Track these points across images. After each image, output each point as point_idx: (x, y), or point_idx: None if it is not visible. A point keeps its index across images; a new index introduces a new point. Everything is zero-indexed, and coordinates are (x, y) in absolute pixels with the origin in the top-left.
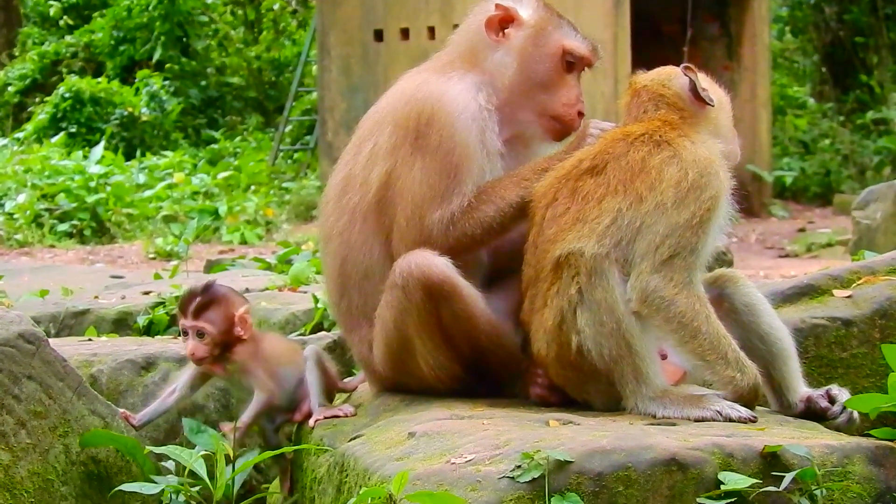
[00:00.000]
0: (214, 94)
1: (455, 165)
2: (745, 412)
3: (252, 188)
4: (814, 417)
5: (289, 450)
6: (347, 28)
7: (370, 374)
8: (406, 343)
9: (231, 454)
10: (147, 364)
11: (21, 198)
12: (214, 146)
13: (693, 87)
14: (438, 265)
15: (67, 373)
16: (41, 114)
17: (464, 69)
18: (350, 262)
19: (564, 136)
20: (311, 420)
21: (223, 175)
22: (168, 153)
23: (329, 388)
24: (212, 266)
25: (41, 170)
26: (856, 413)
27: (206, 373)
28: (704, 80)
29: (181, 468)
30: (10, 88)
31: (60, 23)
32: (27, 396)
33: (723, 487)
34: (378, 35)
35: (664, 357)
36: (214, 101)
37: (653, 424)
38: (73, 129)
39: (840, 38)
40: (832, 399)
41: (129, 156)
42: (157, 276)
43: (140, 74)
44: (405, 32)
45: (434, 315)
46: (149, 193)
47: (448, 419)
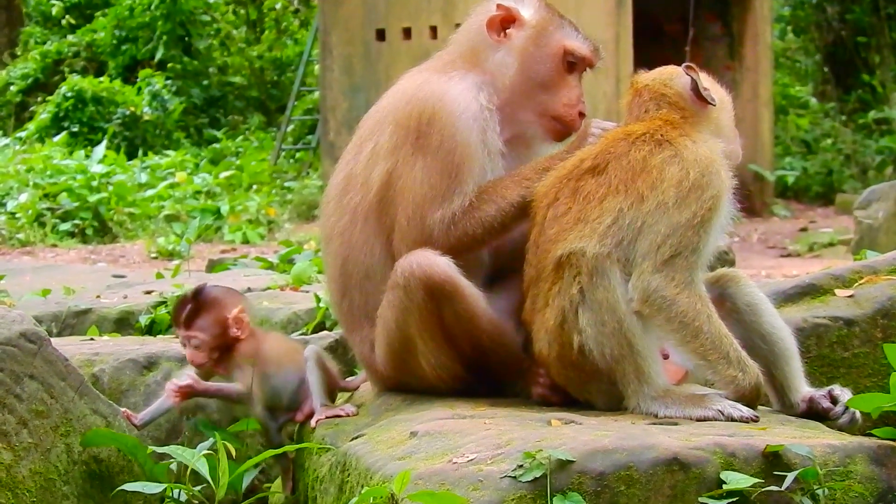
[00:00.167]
0: (216, 94)
1: (456, 165)
2: (747, 412)
3: (254, 187)
4: (816, 417)
5: (291, 449)
6: (349, 27)
7: (372, 374)
8: (408, 343)
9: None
10: (149, 363)
11: (23, 197)
12: (216, 145)
13: (695, 87)
14: (440, 265)
15: (69, 372)
16: (43, 113)
17: (465, 69)
18: (351, 262)
19: (565, 137)
20: (313, 420)
21: (225, 174)
22: (170, 152)
23: (331, 388)
24: (214, 265)
25: (43, 169)
26: (858, 413)
27: (209, 372)
28: (706, 80)
29: (182, 468)
30: (13, 88)
31: (62, 22)
32: (29, 396)
33: (725, 487)
34: (380, 34)
35: (666, 357)
36: (216, 101)
37: (655, 424)
38: (75, 129)
39: (842, 38)
40: (834, 399)
41: (131, 155)
42: (159, 276)
43: (142, 74)
44: (407, 32)
45: (436, 315)
46: (151, 193)
47: (450, 419)
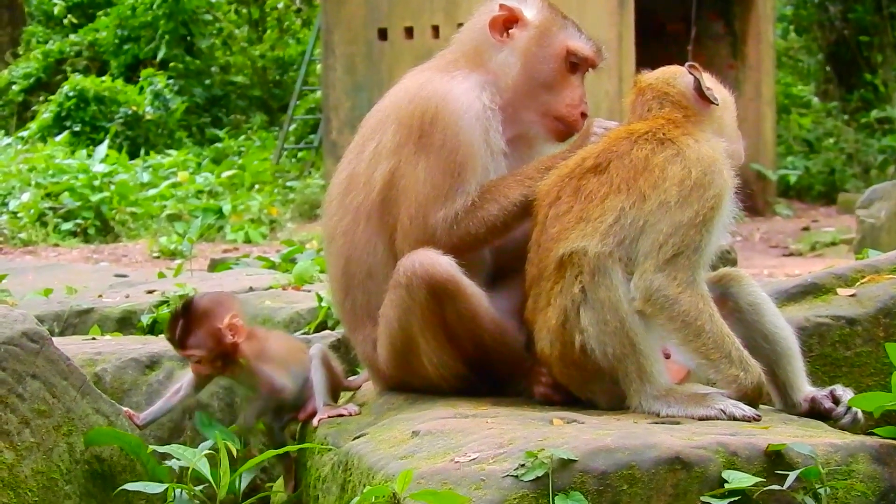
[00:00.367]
0: (219, 93)
1: (459, 164)
2: (749, 411)
3: (256, 187)
4: (818, 417)
5: (293, 448)
6: (352, 27)
7: (374, 373)
8: (410, 342)
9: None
10: (151, 363)
11: (25, 196)
12: (218, 145)
13: (698, 86)
14: (442, 264)
15: (71, 371)
16: (45, 112)
17: (468, 69)
18: (354, 262)
19: (567, 137)
20: (316, 419)
21: (227, 174)
22: (172, 152)
23: (334, 388)
24: (216, 265)
25: (45, 168)
26: (860, 413)
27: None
28: (709, 80)
29: (184, 467)
30: (15, 87)
31: (65, 21)
32: (31, 395)
33: (727, 486)
34: (382, 34)
35: (668, 356)
36: (219, 100)
37: (657, 423)
38: (78, 128)
39: (844, 37)
40: (836, 399)
41: (134, 154)
42: (162, 275)
43: (144, 73)
44: (409, 31)
45: (438, 314)
46: (153, 192)
47: (452, 418)
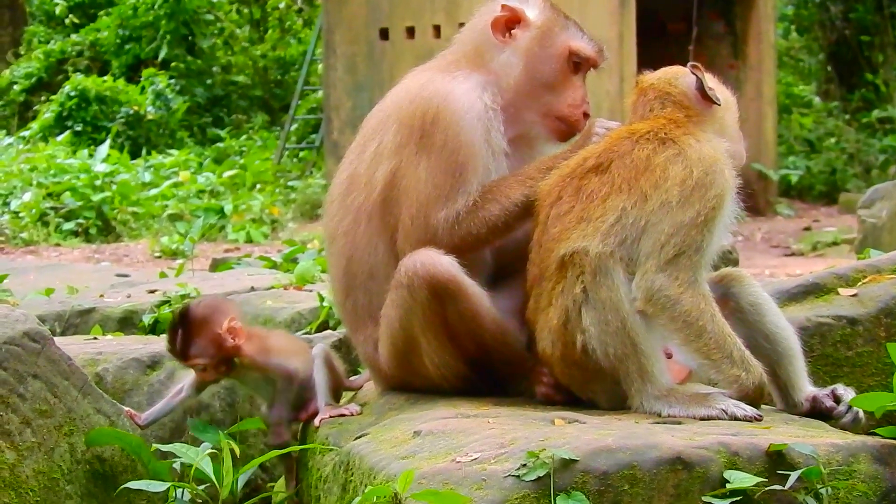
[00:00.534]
0: (220, 93)
1: (460, 164)
2: (751, 411)
3: (257, 187)
4: (819, 417)
5: (294, 449)
6: (353, 27)
7: (375, 373)
8: (411, 342)
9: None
10: (152, 363)
11: (26, 196)
12: (220, 145)
13: (700, 86)
14: (444, 264)
15: (73, 371)
16: (47, 112)
17: (469, 69)
18: (355, 262)
19: (569, 137)
20: (317, 419)
21: (229, 174)
22: (173, 152)
23: (336, 388)
24: (217, 265)
25: (47, 168)
26: (861, 412)
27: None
28: (711, 80)
29: (186, 467)
30: (16, 87)
31: (66, 21)
32: (32, 395)
33: (728, 486)
34: (383, 34)
35: (669, 356)
36: (220, 100)
37: (658, 423)
38: (79, 128)
39: (846, 37)
40: (837, 399)
41: (135, 154)
42: (163, 275)
43: (145, 73)
44: (411, 31)
45: (439, 314)
46: (154, 192)
47: (453, 418)
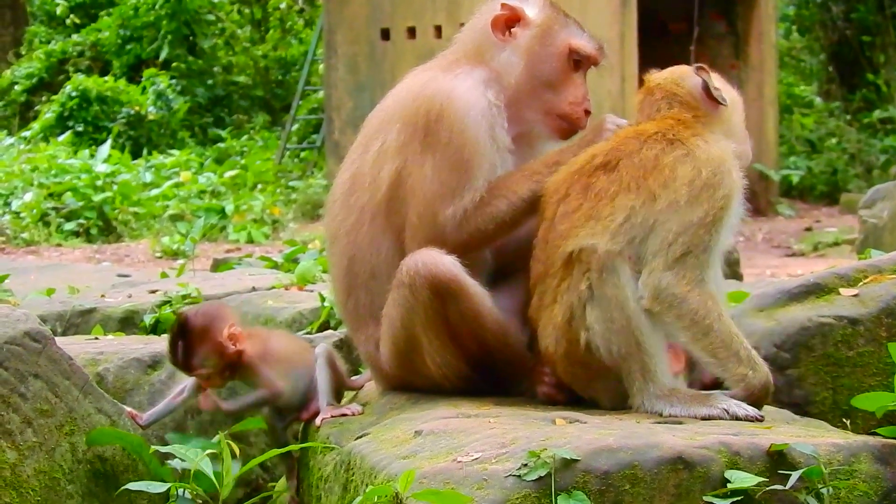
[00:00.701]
0: (221, 93)
1: (466, 161)
2: (752, 411)
3: (259, 187)
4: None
5: (295, 448)
6: (354, 27)
7: (377, 373)
8: (413, 341)
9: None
10: (153, 363)
11: (28, 196)
12: (221, 145)
13: (706, 87)
14: (445, 264)
15: (74, 371)
16: (48, 112)
17: (471, 66)
18: (357, 262)
19: (571, 135)
20: (318, 419)
21: (230, 174)
22: (175, 152)
23: (338, 387)
24: (218, 265)
25: (48, 168)
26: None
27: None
28: (717, 81)
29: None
30: (17, 87)
31: (67, 21)
32: (33, 395)
33: (729, 486)
34: (385, 34)
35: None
36: (221, 100)
37: (659, 423)
38: (80, 128)
39: (847, 37)
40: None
41: (136, 154)
42: (164, 275)
43: (147, 73)
44: (412, 31)
45: (441, 313)
46: (155, 192)
47: (454, 417)
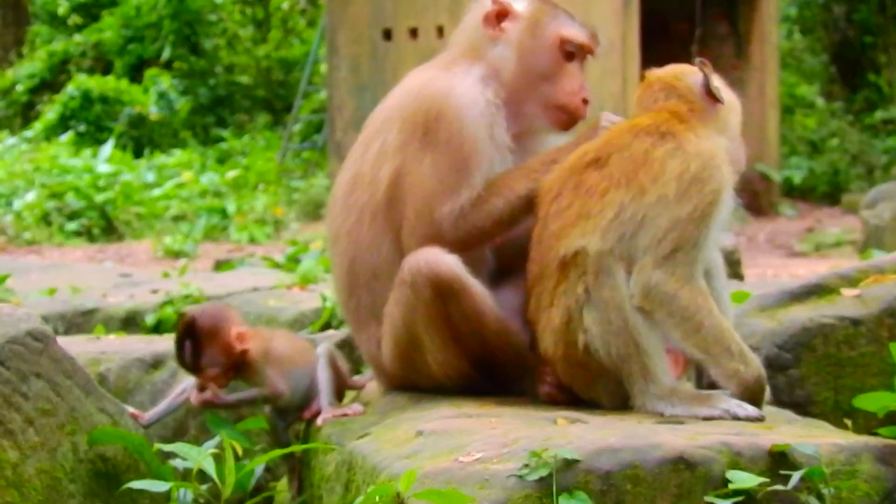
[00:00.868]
0: (223, 93)
1: (465, 159)
2: (754, 411)
3: (261, 187)
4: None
5: (297, 448)
6: (356, 27)
7: (378, 372)
8: (414, 340)
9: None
10: (155, 362)
11: (30, 196)
12: (223, 145)
13: (705, 83)
14: (447, 263)
15: (75, 371)
16: (50, 112)
17: (468, 65)
18: (359, 262)
19: (572, 126)
20: (320, 418)
21: (232, 174)
22: (177, 152)
23: (340, 387)
24: (220, 265)
25: (50, 168)
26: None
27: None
28: (718, 80)
29: (189, 466)
30: (19, 87)
31: (69, 21)
32: (35, 394)
33: (730, 486)
34: (387, 34)
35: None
36: (223, 100)
37: (661, 423)
38: (82, 128)
39: (849, 38)
40: None
41: (138, 154)
42: (166, 275)
43: (149, 73)
44: (414, 32)
45: (442, 312)
46: (157, 192)
47: (456, 417)
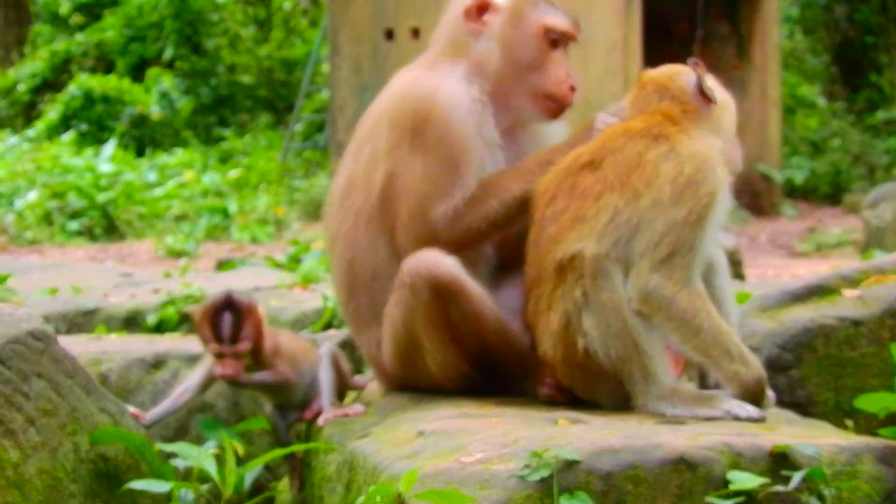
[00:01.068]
0: (225, 93)
1: (455, 159)
2: (754, 411)
3: (262, 187)
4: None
5: (298, 448)
6: (358, 27)
7: (379, 373)
8: (414, 341)
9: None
10: (157, 362)
11: (31, 196)
12: (225, 145)
13: (698, 83)
14: (446, 264)
15: (77, 370)
16: (51, 112)
17: (451, 62)
18: (357, 264)
19: (560, 114)
20: (321, 419)
21: (233, 173)
22: (178, 151)
23: (341, 388)
24: (222, 264)
25: (51, 168)
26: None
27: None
28: (711, 81)
29: (190, 466)
30: (21, 86)
31: (71, 21)
32: (36, 394)
33: (731, 487)
34: (389, 34)
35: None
36: (225, 100)
37: (661, 423)
38: (84, 128)
39: (850, 38)
40: None
41: (140, 154)
42: (168, 275)
43: (150, 73)
44: (416, 31)
45: (442, 314)
46: (159, 192)
47: (457, 418)
